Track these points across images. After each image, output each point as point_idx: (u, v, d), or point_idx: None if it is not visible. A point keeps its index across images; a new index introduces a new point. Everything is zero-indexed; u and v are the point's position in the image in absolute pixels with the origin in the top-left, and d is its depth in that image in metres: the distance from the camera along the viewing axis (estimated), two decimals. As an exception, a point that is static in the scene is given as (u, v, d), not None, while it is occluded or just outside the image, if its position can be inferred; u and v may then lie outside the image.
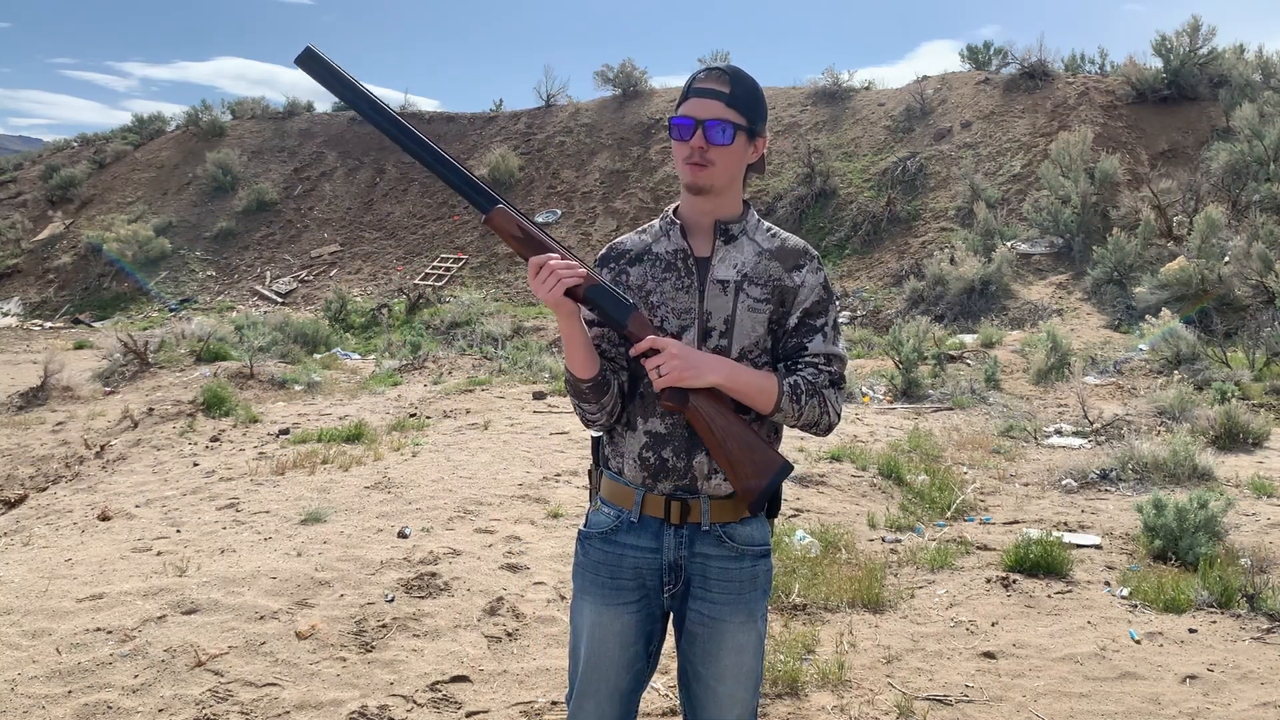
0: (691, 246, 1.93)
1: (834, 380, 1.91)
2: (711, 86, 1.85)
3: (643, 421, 1.93)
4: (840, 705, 3.32)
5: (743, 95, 1.86)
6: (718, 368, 1.83)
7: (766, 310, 1.90)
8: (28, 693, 3.20)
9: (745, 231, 1.95)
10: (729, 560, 1.93)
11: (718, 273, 1.91)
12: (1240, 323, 11.49)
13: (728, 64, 1.91)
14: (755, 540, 1.95)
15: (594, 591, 1.98)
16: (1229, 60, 18.30)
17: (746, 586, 1.94)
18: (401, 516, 5.15)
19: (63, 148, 28.93)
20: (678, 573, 1.94)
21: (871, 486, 6.27)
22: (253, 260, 22.13)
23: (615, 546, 1.96)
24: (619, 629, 1.96)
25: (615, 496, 1.98)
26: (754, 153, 1.92)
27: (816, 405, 1.87)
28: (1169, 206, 14.66)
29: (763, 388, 1.85)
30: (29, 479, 7.09)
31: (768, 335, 1.91)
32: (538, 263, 1.81)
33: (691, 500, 1.91)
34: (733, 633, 1.93)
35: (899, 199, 17.88)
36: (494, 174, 22.34)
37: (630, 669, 1.99)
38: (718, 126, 1.83)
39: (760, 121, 1.91)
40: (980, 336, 12.47)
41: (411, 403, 9.30)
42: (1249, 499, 5.97)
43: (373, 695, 3.26)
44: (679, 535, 1.93)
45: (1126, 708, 3.33)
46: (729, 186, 1.91)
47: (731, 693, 1.95)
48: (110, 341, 11.97)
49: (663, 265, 1.94)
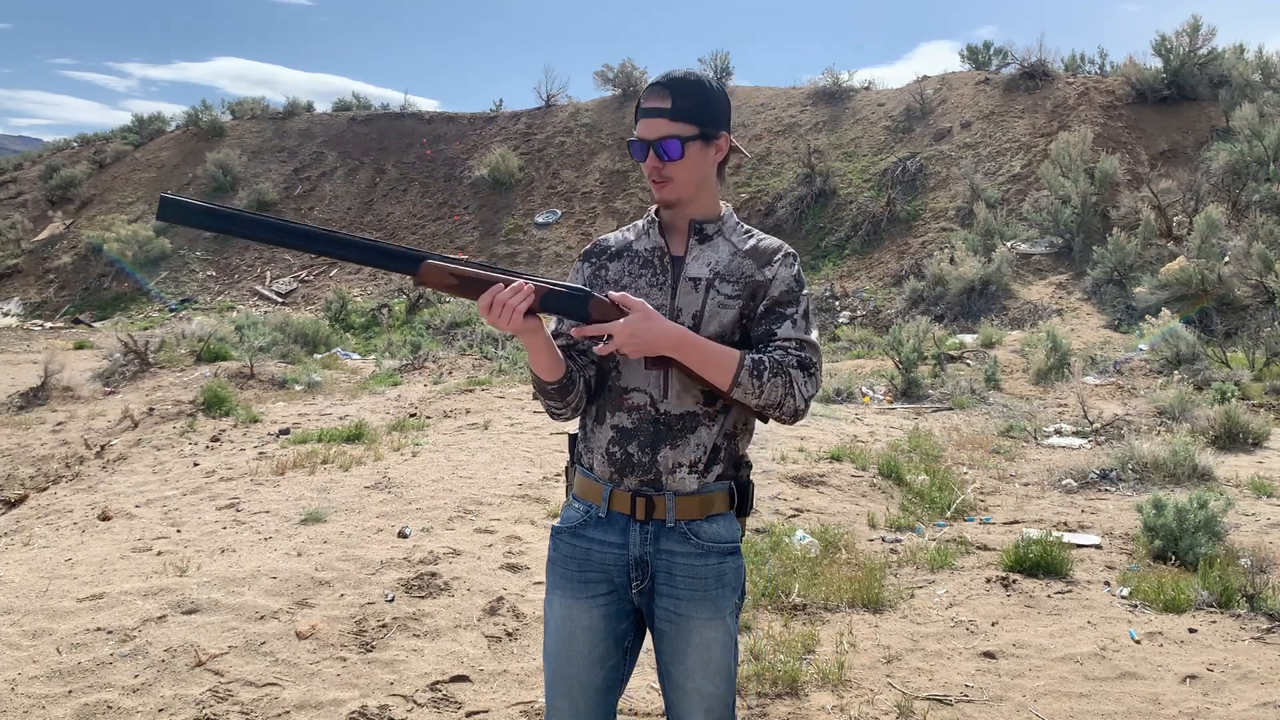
0: (668, 245, 1.97)
1: (803, 364, 1.87)
2: (654, 105, 1.88)
3: (610, 416, 1.96)
4: (840, 705, 3.32)
5: (686, 104, 1.87)
6: (667, 336, 1.81)
7: (736, 305, 1.91)
8: (28, 693, 3.20)
9: (721, 232, 1.98)
10: (695, 557, 1.93)
11: (691, 270, 1.94)
12: (1240, 323, 11.49)
13: (669, 75, 1.91)
14: (722, 537, 1.95)
15: (563, 586, 2.00)
16: (1229, 60, 18.30)
17: (712, 583, 1.94)
18: (401, 516, 5.15)
19: (63, 148, 28.92)
20: (644, 569, 1.95)
21: (871, 486, 6.27)
22: (253, 260, 22.13)
23: (583, 541, 1.98)
24: (588, 623, 1.98)
25: (585, 492, 2.00)
26: (717, 153, 1.94)
27: (780, 385, 1.83)
28: (1169, 206, 14.66)
29: (720, 359, 1.83)
30: (29, 479, 7.09)
31: (737, 329, 1.92)
32: (485, 302, 1.81)
33: (657, 496, 1.93)
34: (699, 629, 1.93)
35: (899, 199, 17.88)
36: (494, 174, 22.35)
37: (603, 665, 1.99)
38: (665, 145, 1.86)
39: (715, 122, 1.91)
40: (980, 336, 12.47)
41: (411, 403, 9.30)
42: (1249, 499, 5.97)
43: (373, 695, 3.27)
44: (645, 531, 1.94)
45: (1126, 708, 3.33)
46: (698, 193, 1.94)
47: (701, 688, 1.95)
48: (110, 341, 11.98)
49: (640, 262, 1.98)
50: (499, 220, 21.59)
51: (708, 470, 1.93)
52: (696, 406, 1.91)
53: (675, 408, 1.91)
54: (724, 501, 1.96)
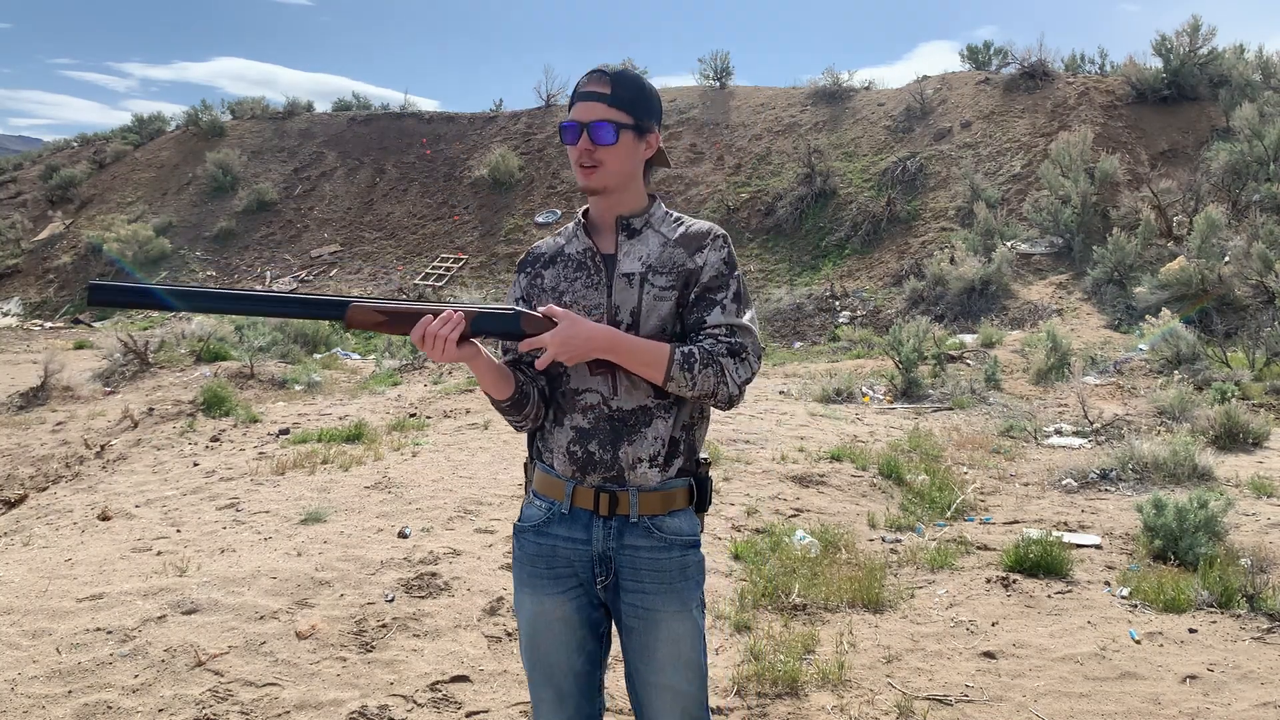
0: (598, 244, 1.99)
1: (734, 350, 1.87)
2: (593, 89, 1.90)
3: (567, 418, 1.97)
4: (840, 705, 3.32)
5: (625, 95, 1.90)
6: (595, 340, 1.83)
7: (672, 296, 1.92)
8: (28, 693, 3.20)
9: (650, 224, 1.99)
10: (658, 550, 1.94)
11: (623, 267, 1.95)
12: (1240, 323, 11.49)
13: (611, 66, 1.94)
14: (684, 531, 1.97)
15: (532, 584, 2.02)
16: (1229, 60, 18.31)
17: (677, 576, 1.95)
18: (401, 516, 5.15)
19: (63, 148, 28.92)
20: (608, 565, 1.96)
21: (871, 486, 6.27)
22: (253, 260, 22.13)
23: (548, 538, 2.00)
24: (561, 615, 2.00)
25: (547, 489, 2.02)
26: (647, 149, 1.97)
27: (712, 375, 1.84)
28: (1169, 206, 14.66)
29: (650, 356, 1.84)
30: (29, 479, 7.09)
31: (676, 320, 1.93)
32: (417, 336, 1.83)
33: (620, 492, 1.94)
34: (668, 622, 1.94)
35: (899, 199, 17.89)
36: (494, 174, 22.34)
37: (581, 650, 2.02)
38: (601, 128, 1.88)
39: (649, 118, 1.95)
40: (980, 336, 12.47)
41: (411, 402, 9.30)
42: (1249, 499, 5.97)
43: (373, 695, 3.26)
44: (608, 527, 1.95)
45: (1126, 708, 3.33)
46: (625, 184, 1.96)
47: (672, 683, 1.95)
48: (110, 341, 11.98)
49: (574, 265, 1.99)
50: (499, 220, 21.59)
51: (668, 464, 1.95)
52: (648, 400, 1.92)
53: (627, 403, 1.92)
54: (684, 497, 1.98)
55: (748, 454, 6.80)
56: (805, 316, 15.81)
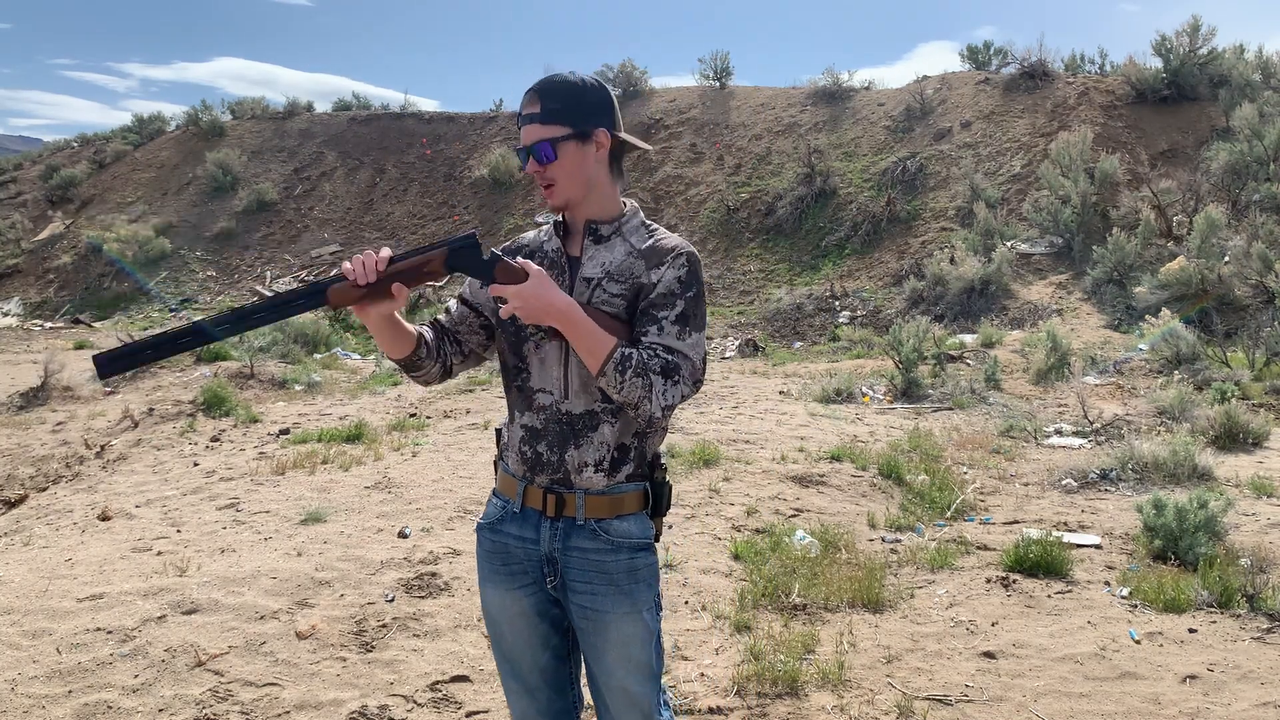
0: (568, 247, 2.00)
1: (667, 369, 1.84)
2: (527, 111, 1.92)
3: (520, 415, 1.99)
4: (840, 705, 3.32)
5: (554, 106, 1.89)
6: (555, 305, 1.81)
7: (619, 305, 1.91)
8: (28, 693, 3.20)
9: (620, 232, 1.99)
10: (605, 553, 1.94)
11: (585, 271, 1.96)
12: (1240, 323, 11.49)
13: (542, 79, 1.94)
14: (632, 534, 1.96)
15: (492, 579, 2.04)
16: (1229, 60, 18.29)
17: (625, 579, 1.94)
18: (401, 516, 5.15)
19: (63, 148, 28.91)
20: (554, 566, 1.97)
21: (871, 486, 6.26)
22: (253, 260, 22.12)
23: (501, 536, 2.02)
24: (520, 609, 2.02)
25: (504, 487, 2.04)
26: (598, 148, 1.94)
27: (639, 386, 1.81)
28: (1169, 206, 14.66)
29: (595, 344, 1.82)
30: (29, 479, 7.09)
31: (624, 329, 1.91)
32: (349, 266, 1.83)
33: (567, 494, 1.94)
34: (616, 624, 1.94)
35: (899, 199, 17.88)
36: (494, 174, 22.34)
37: (546, 645, 2.04)
38: (540, 148, 1.90)
39: (588, 121, 1.91)
40: (980, 336, 12.47)
41: (411, 403, 9.30)
42: (1249, 499, 5.97)
43: (373, 695, 3.26)
44: (555, 528, 1.96)
45: (1126, 708, 3.33)
46: (587, 193, 1.95)
47: (623, 684, 1.95)
48: (110, 341, 11.97)
49: (548, 262, 2.00)
50: (499, 220, 21.58)
51: (615, 469, 1.93)
52: (596, 405, 1.92)
53: (576, 406, 1.92)
54: (635, 502, 1.97)
55: (748, 454, 6.80)
56: (805, 316, 15.81)
